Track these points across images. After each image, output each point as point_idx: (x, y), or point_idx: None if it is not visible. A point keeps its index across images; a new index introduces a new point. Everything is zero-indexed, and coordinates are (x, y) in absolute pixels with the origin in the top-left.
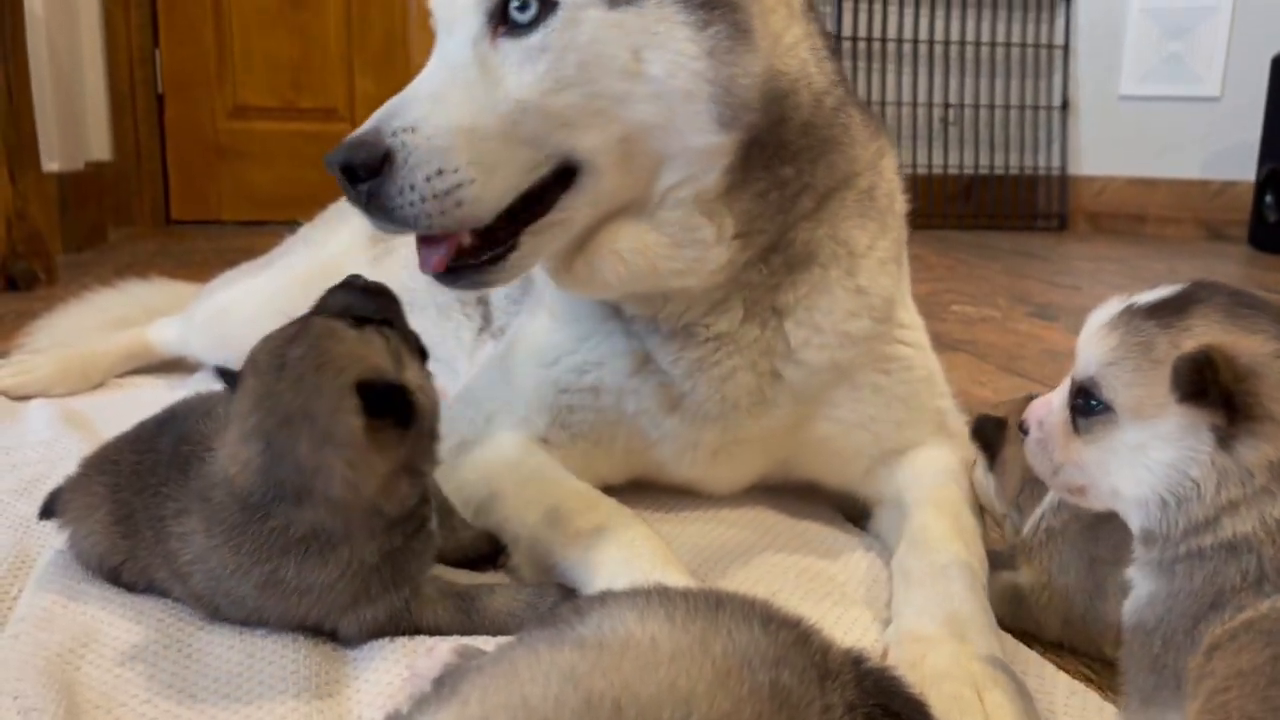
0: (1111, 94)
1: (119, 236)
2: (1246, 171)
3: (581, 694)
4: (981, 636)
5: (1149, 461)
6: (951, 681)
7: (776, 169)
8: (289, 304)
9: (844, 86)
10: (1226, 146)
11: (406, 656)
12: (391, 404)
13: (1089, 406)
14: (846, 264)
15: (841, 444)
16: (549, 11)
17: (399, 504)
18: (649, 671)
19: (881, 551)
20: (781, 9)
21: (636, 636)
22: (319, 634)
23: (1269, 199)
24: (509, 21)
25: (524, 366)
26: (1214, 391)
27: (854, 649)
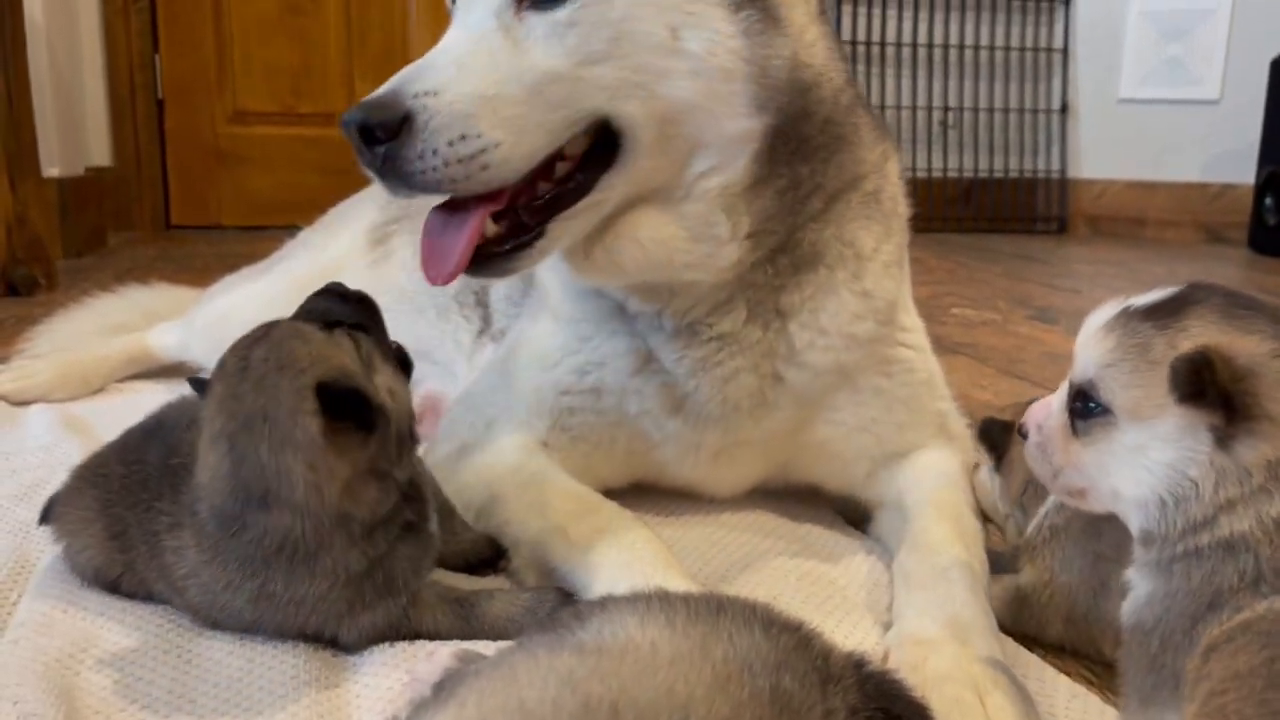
0: (1111, 97)
1: (119, 241)
2: (1246, 174)
3: (579, 698)
4: (983, 639)
5: (1148, 462)
6: (953, 684)
7: (797, 166)
8: (288, 308)
9: (855, 88)
10: (1226, 149)
11: (406, 661)
12: (352, 407)
13: (1087, 409)
14: (853, 266)
15: (842, 447)
16: None
17: (368, 509)
18: (647, 676)
19: (882, 555)
20: (803, 5)
21: (636, 641)
22: (319, 640)
23: (1268, 202)
24: None
25: (525, 369)
26: (1212, 392)
27: (855, 652)
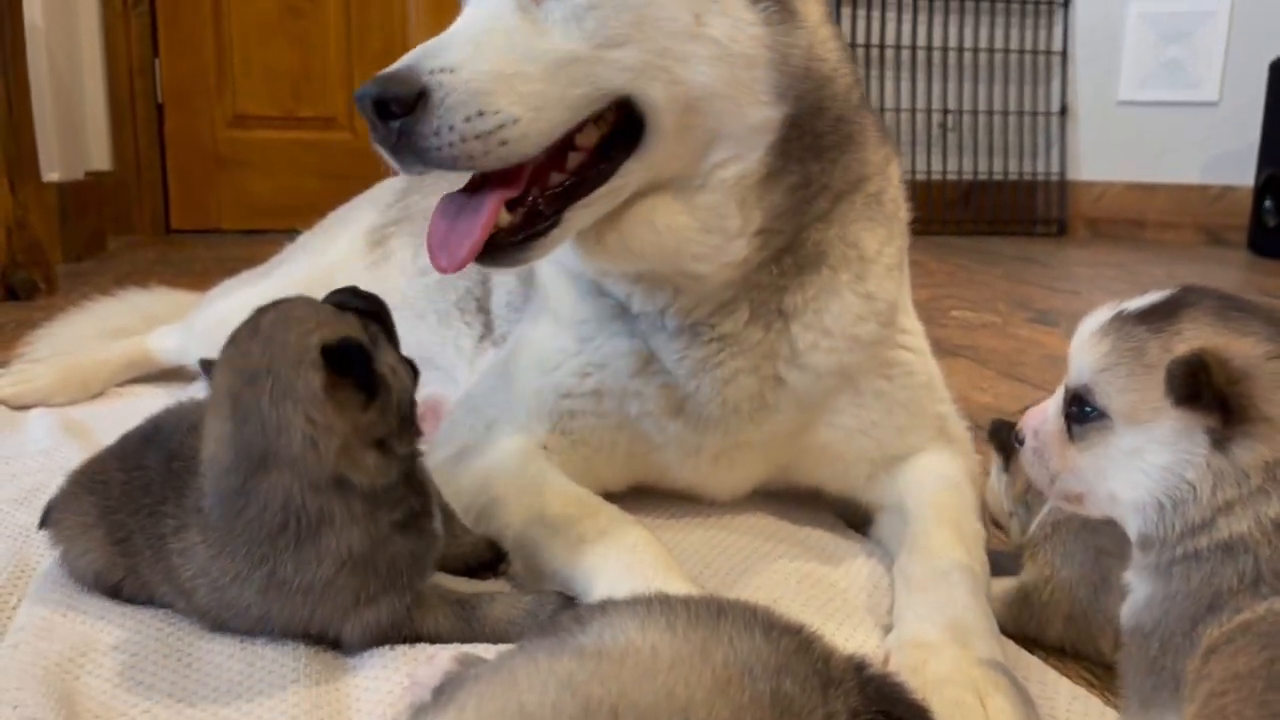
0: (1110, 99)
1: (119, 245)
2: (1245, 176)
3: (579, 702)
4: (983, 642)
5: (1145, 466)
6: (953, 687)
7: (808, 163)
8: None
9: (861, 89)
10: (1225, 151)
11: (407, 665)
12: (355, 367)
13: (1083, 413)
14: (857, 268)
15: (843, 450)
16: None
17: (366, 477)
18: (647, 679)
19: (883, 557)
20: (816, 3)
21: (637, 645)
22: (322, 640)
23: (1268, 203)
24: None
25: (525, 373)
26: (1208, 394)
27: (856, 655)
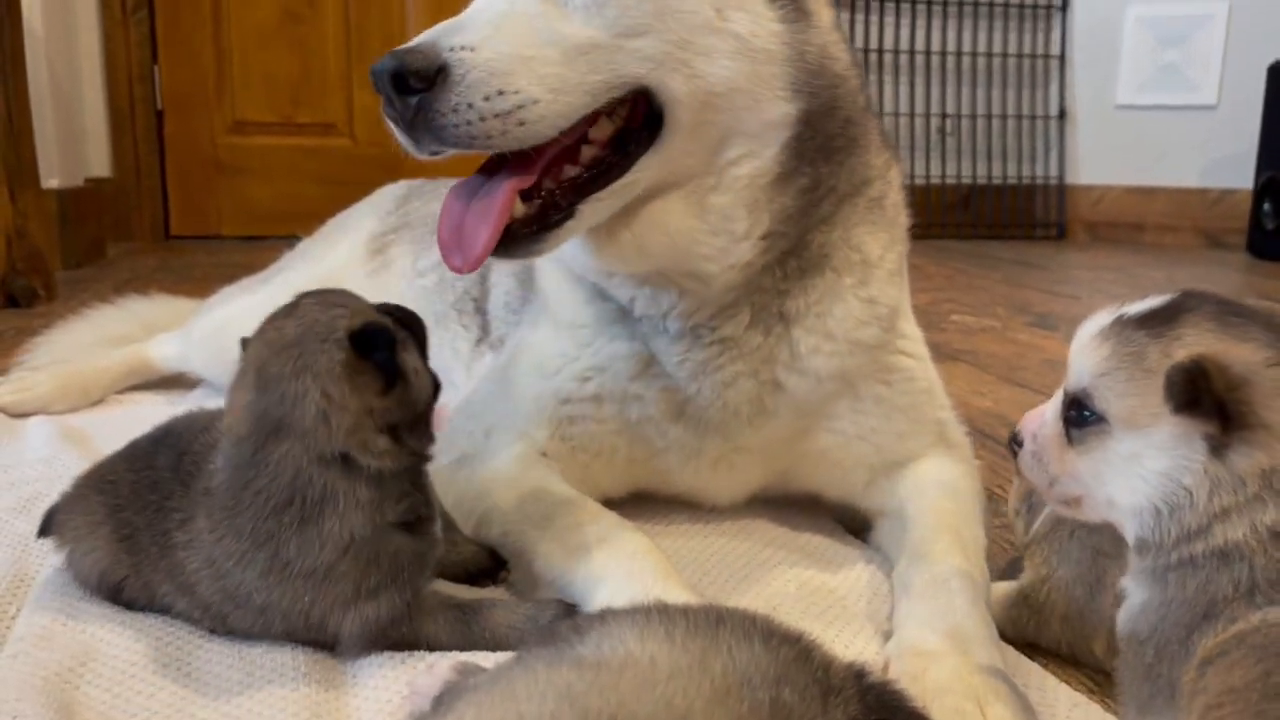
0: (1108, 103)
1: (118, 252)
2: (1244, 179)
3: (578, 713)
4: (983, 649)
5: (1143, 471)
6: (953, 695)
7: (819, 165)
8: None
9: (867, 93)
10: (1224, 155)
11: (406, 673)
12: (379, 351)
13: (1082, 417)
14: (860, 273)
15: (842, 455)
16: None
17: (374, 460)
18: (646, 690)
19: (882, 564)
20: (827, 8)
21: (635, 655)
22: (321, 637)
23: (1266, 206)
24: None
25: (525, 378)
26: (1207, 401)
27: (856, 663)
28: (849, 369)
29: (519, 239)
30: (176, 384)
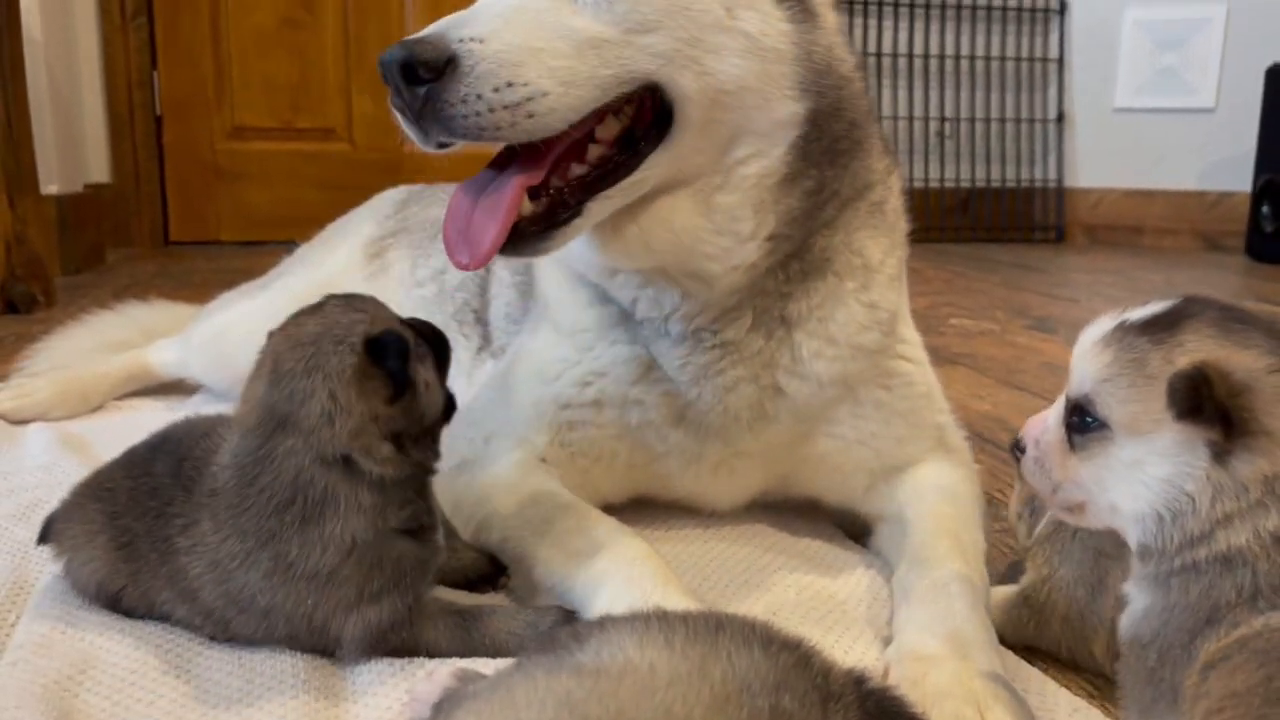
0: (1106, 106)
1: (118, 258)
2: (1242, 182)
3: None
4: (983, 654)
5: (1145, 477)
6: (953, 700)
7: (824, 167)
8: None
9: (870, 98)
10: (1222, 157)
11: (406, 680)
12: (391, 359)
13: (1084, 424)
14: (862, 277)
15: (842, 460)
16: None
17: (376, 465)
18: (645, 697)
19: (882, 569)
20: (833, 12)
21: (635, 662)
22: (322, 641)
23: (1265, 209)
24: None
25: (525, 384)
26: (1209, 407)
27: (855, 669)
28: (850, 374)
29: (526, 236)
30: (176, 390)
